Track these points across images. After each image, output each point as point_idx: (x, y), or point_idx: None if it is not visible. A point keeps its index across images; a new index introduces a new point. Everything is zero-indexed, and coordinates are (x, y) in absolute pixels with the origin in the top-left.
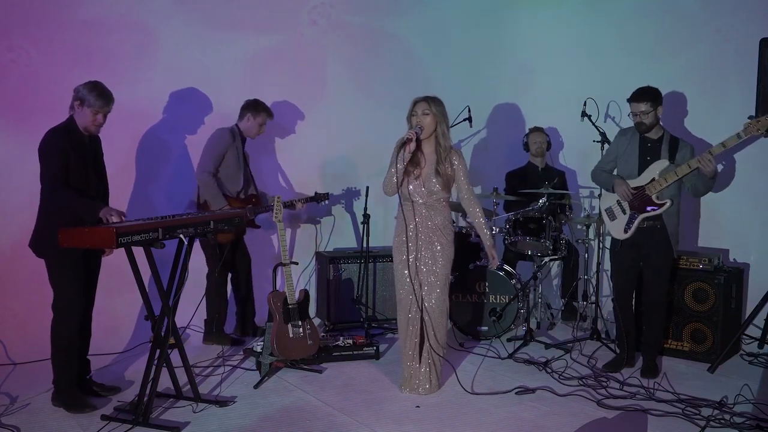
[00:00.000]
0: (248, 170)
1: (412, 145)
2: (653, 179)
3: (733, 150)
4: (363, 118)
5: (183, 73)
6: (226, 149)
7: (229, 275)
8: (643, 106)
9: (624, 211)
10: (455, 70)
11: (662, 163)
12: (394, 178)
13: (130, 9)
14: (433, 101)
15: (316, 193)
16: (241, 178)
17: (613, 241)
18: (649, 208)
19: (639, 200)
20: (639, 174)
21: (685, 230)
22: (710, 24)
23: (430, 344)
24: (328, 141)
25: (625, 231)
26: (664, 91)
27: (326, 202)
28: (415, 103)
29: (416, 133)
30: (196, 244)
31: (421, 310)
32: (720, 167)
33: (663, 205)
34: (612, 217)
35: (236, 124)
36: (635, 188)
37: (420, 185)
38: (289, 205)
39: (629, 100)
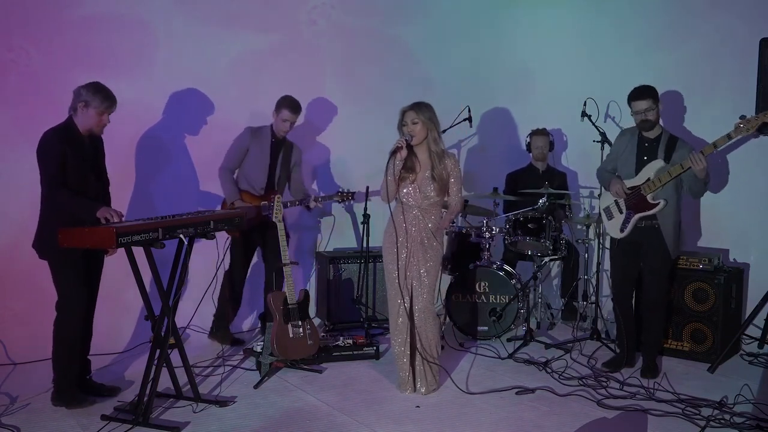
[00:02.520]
0: (277, 168)
1: (403, 153)
2: (648, 179)
3: (733, 150)
4: (362, 118)
5: (183, 73)
6: (246, 147)
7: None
8: (645, 104)
9: (621, 211)
10: (454, 70)
11: (658, 163)
12: (387, 187)
13: (130, 9)
14: (420, 109)
15: (338, 192)
16: (264, 176)
17: (612, 240)
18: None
19: (635, 200)
20: (636, 173)
21: (685, 230)
22: (710, 23)
23: (422, 346)
24: (327, 141)
25: (621, 230)
26: (663, 90)
27: (352, 201)
28: (404, 112)
29: (406, 140)
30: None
31: (411, 311)
32: (720, 164)
33: (656, 205)
34: (609, 216)
35: (271, 124)
36: (631, 188)
37: (415, 189)
38: (304, 202)
39: (630, 100)
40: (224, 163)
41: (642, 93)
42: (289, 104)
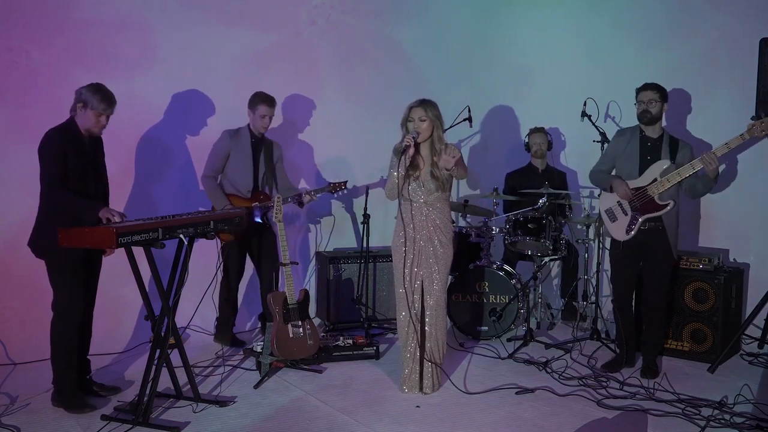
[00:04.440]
0: (261, 167)
1: (411, 151)
2: (655, 180)
3: (732, 150)
4: (362, 118)
5: (182, 73)
6: (227, 151)
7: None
8: (649, 94)
9: (625, 212)
10: (454, 70)
11: (663, 164)
12: (396, 183)
13: (130, 8)
14: (428, 106)
15: (329, 184)
16: (249, 177)
17: (613, 242)
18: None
19: (640, 201)
20: (640, 174)
21: (685, 230)
22: (710, 23)
23: (429, 347)
24: (327, 140)
25: (627, 232)
26: None
27: (345, 190)
28: (411, 108)
29: (413, 137)
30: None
31: (421, 310)
32: (722, 168)
33: (666, 206)
34: (612, 218)
35: (247, 123)
36: (636, 189)
37: (420, 185)
38: (297, 198)
39: (638, 90)
40: (206, 171)
41: (649, 84)
42: (263, 99)
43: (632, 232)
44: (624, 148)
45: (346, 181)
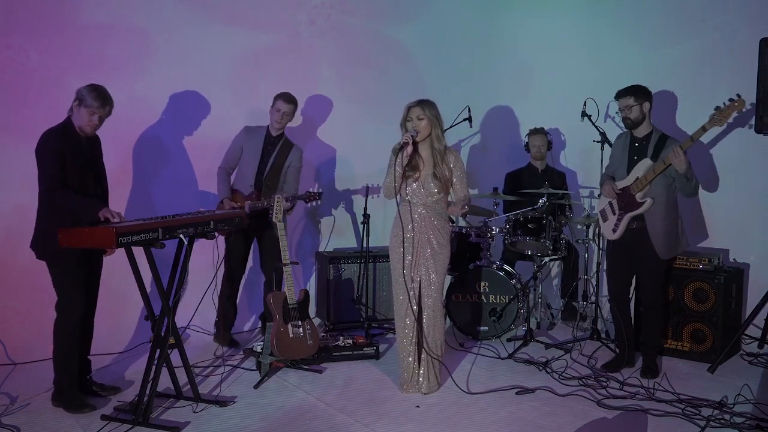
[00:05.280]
0: (267, 167)
1: (410, 149)
2: (637, 178)
3: (733, 149)
4: (362, 118)
5: (181, 73)
6: (239, 146)
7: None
8: (624, 101)
9: (613, 212)
10: (454, 71)
11: (645, 162)
12: (394, 182)
13: (129, 9)
14: (426, 105)
15: (307, 192)
16: (253, 175)
17: (607, 242)
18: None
19: (625, 200)
20: (627, 174)
21: (687, 231)
22: (710, 23)
23: (428, 345)
24: (327, 140)
25: (614, 231)
26: (662, 90)
27: (317, 202)
28: (409, 108)
29: (412, 136)
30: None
31: (419, 311)
32: (720, 163)
33: (643, 204)
34: (604, 218)
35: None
36: (622, 188)
37: (419, 187)
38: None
39: (615, 98)
40: (222, 163)
41: (622, 91)
42: (281, 95)
43: (618, 232)
44: (619, 151)
45: (321, 193)
